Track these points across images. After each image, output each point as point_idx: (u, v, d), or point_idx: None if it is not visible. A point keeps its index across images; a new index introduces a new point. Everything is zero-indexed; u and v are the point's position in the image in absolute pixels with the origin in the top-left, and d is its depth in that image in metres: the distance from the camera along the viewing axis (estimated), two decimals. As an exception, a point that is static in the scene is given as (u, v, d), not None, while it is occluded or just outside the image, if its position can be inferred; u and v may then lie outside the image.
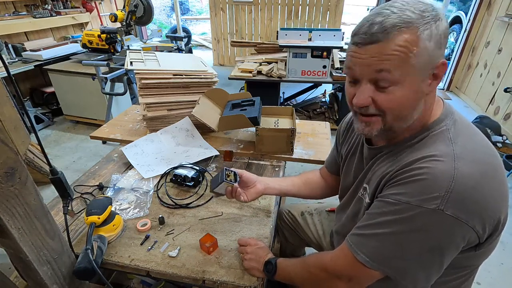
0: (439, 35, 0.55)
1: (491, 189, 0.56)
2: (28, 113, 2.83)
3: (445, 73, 0.60)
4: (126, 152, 1.32)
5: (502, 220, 0.59)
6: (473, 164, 0.56)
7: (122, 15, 2.87)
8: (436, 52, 0.56)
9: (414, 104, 0.60)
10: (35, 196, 0.66)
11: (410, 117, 0.61)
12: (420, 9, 0.55)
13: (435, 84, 0.60)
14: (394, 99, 0.59)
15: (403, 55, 0.55)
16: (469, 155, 0.57)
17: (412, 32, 0.54)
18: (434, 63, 0.57)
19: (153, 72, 1.40)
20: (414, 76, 0.57)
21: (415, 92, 0.58)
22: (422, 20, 0.54)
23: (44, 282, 0.72)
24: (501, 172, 0.60)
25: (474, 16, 3.78)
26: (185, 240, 0.93)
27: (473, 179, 0.54)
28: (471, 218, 0.54)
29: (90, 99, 2.93)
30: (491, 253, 0.67)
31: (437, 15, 0.55)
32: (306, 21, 4.59)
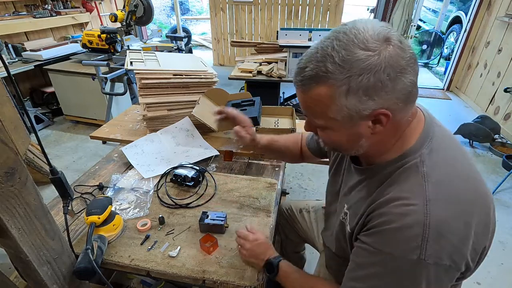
0: (363, 89, 0.50)
1: (469, 228, 0.53)
2: (28, 113, 2.83)
3: (387, 119, 0.53)
4: (126, 152, 1.32)
5: (486, 250, 0.58)
6: (447, 205, 0.53)
7: (122, 15, 2.87)
8: (363, 105, 0.52)
9: (350, 144, 0.60)
10: (35, 196, 0.66)
11: (351, 150, 0.62)
12: (344, 57, 0.49)
13: (381, 128, 0.55)
14: (328, 139, 0.61)
15: (319, 108, 0.55)
16: (443, 195, 0.53)
17: (327, 87, 0.52)
18: (363, 114, 0.53)
19: (153, 72, 1.40)
20: (340, 125, 0.56)
21: (348, 135, 0.58)
22: (341, 75, 0.50)
23: (44, 282, 0.72)
24: (482, 202, 0.56)
25: (474, 16, 3.78)
26: (185, 240, 0.93)
27: (447, 223, 0.52)
28: (454, 262, 0.53)
29: (90, 99, 2.93)
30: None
31: (364, 67, 0.49)
32: (306, 21, 4.59)
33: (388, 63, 0.49)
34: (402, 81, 0.51)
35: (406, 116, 0.58)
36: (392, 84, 0.50)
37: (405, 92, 0.52)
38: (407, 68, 0.51)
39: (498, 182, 2.36)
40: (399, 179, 0.58)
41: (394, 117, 0.54)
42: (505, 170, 2.56)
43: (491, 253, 0.64)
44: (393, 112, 0.53)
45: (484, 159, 2.76)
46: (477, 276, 1.65)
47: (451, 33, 5.19)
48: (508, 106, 3.07)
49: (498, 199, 2.25)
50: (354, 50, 0.49)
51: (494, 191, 2.30)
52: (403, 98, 0.52)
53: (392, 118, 0.54)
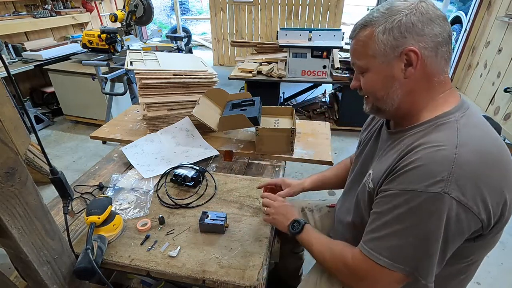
0: (397, 27, 0.61)
1: (493, 178, 0.56)
2: (28, 113, 2.83)
3: (417, 59, 0.61)
4: (126, 152, 1.32)
5: (506, 212, 0.59)
6: (475, 152, 0.56)
7: (122, 15, 2.87)
8: (396, 41, 0.62)
9: (386, 87, 0.67)
10: (35, 196, 0.66)
11: (387, 97, 0.68)
12: (386, 7, 0.64)
13: (412, 70, 0.63)
14: (367, 82, 0.70)
15: (361, 48, 0.66)
16: (472, 143, 0.57)
17: (370, 28, 0.64)
18: (397, 52, 0.62)
19: (153, 72, 1.40)
20: (378, 63, 0.65)
21: (384, 77, 0.66)
22: (382, 19, 0.63)
23: (44, 282, 0.72)
24: (506, 162, 0.59)
25: (474, 16, 3.78)
26: (185, 240, 0.93)
27: (474, 166, 0.55)
28: (475, 204, 0.55)
29: (90, 99, 2.93)
30: (490, 249, 0.67)
31: (398, 10, 0.61)
32: (306, 21, 4.59)
33: (418, 10, 0.60)
34: (431, 28, 0.60)
35: (439, 72, 0.64)
36: (422, 26, 0.60)
37: (435, 40, 0.61)
38: (435, 20, 0.61)
39: (498, 182, 2.36)
40: (431, 131, 0.62)
41: (425, 63, 0.62)
42: None
43: (491, 253, 0.64)
44: (423, 56, 0.61)
45: (484, 159, 2.76)
46: (477, 276, 1.65)
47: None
48: (508, 106, 3.07)
49: (498, 199, 2.25)
50: (395, 3, 0.63)
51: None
52: (431, 45, 0.61)
53: (423, 64, 0.62)
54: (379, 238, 0.63)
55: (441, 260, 0.60)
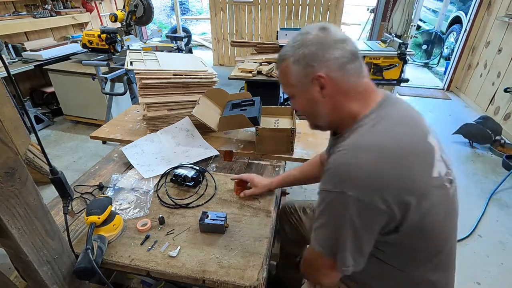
0: (303, 58, 0.70)
1: (388, 173, 0.62)
2: (28, 113, 2.84)
3: (326, 81, 0.70)
4: (126, 152, 1.32)
5: (413, 203, 0.62)
6: (370, 152, 0.63)
7: (122, 15, 2.87)
8: (306, 70, 0.71)
9: (312, 108, 0.76)
10: (35, 196, 0.66)
11: (317, 116, 0.78)
12: (293, 41, 0.73)
13: (329, 91, 0.71)
14: (297, 106, 0.80)
15: (284, 79, 0.76)
16: (369, 146, 0.64)
17: (286, 62, 0.74)
18: (309, 77, 0.71)
19: (153, 72, 1.40)
20: (299, 90, 0.75)
21: (307, 100, 0.75)
22: (291, 52, 0.73)
23: (44, 282, 0.72)
24: (405, 160, 0.63)
25: (474, 16, 3.78)
26: (185, 240, 0.93)
27: (367, 164, 0.62)
28: (373, 201, 0.61)
29: (90, 99, 2.93)
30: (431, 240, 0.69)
31: (301, 44, 0.71)
32: (306, 21, 4.59)
33: (317, 41, 0.69)
34: (331, 53, 0.69)
35: (353, 88, 0.71)
36: (322, 53, 0.69)
37: (337, 62, 0.69)
38: (334, 46, 0.69)
39: (498, 182, 2.36)
40: (349, 137, 0.70)
41: (336, 83, 0.70)
42: (505, 170, 2.56)
43: (491, 253, 0.64)
44: (332, 78, 0.70)
45: (484, 159, 2.76)
46: (477, 276, 1.65)
47: (451, 33, 5.19)
48: (508, 106, 3.07)
49: (498, 199, 2.25)
50: (298, 36, 0.73)
51: (494, 191, 2.30)
52: (336, 67, 0.69)
53: (334, 84, 0.70)
54: (315, 230, 0.71)
55: (359, 250, 0.66)
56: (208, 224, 0.94)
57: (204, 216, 0.96)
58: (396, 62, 2.64)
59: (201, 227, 0.96)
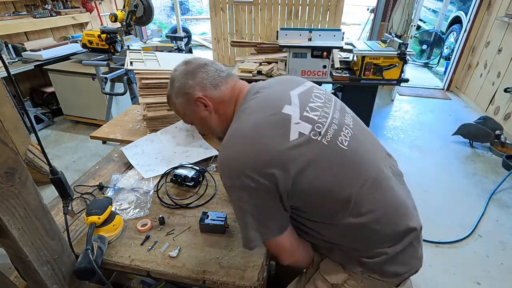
0: (178, 90, 0.84)
1: (245, 154, 0.69)
2: (28, 113, 2.84)
3: (204, 99, 0.82)
4: (126, 152, 1.32)
5: (278, 173, 0.67)
6: (229, 145, 0.73)
7: (122, 15, 2.87)
8: (186, 97, 0.84)
9: (206, 125, 0.88)
10: (35, 196, 0.66)
11: (213, 131, 0.90)
12: (169, 82, 0.87)
13: (211, 106, 0.84)
14: (198, 128, 1.02)
15: (178, 113, 0.91)
16: (228, 139, 0.74)
17: (170, 100, 0.89)
18: (192, 103, 0.84)
19: (153, 72, 1.40)
20: (189, 115, 0.88)
21: (199, 120, 0.88)
22: (170, 90, 0.87)
23: (44, 282, 0.72)
24: (258, 138, 0.70)
25: (474, 16, 3.78)
26: (186, 240, 0.93)
27: (227, 155, 0.71)
28: (239, 180, 0.68)
29: (90, 99, 2.93)
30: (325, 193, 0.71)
31: (172, 80, 0.86)
32: (306, 21, 4.58)
33: (182, 73, 0.84)
34: (197, 78, 0.83)
35: (225, 94, 0.84)
36: (191, 81, 0.83)
37: (203, 82, 0.83)
38: (197, 72, 0.83)
39: (498, 182, 2.36)
40: None
41: (212, 97, 0.83)
42: (505, 170, 2.56)
43: (491, 253, 0.64)
44: (207, 95, 0.83)
45: (484, 159, 2.76)
46: (477, 276, 1.65)
47: (451, 33, 5.19)
48: (508, 106, 3.07)
49: (498, 199, 2.25)
50: (172, 75, 0.87)
51: (494, 191, 2.30)
52: (205, 86, 0.83)
53: (211, 99, 0.83)
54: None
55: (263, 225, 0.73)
56: (208, 224, 0.94)
57: (204, 216, 0.96)
58: (396, 62, 2.64)
59: (201, 227, 0.96)
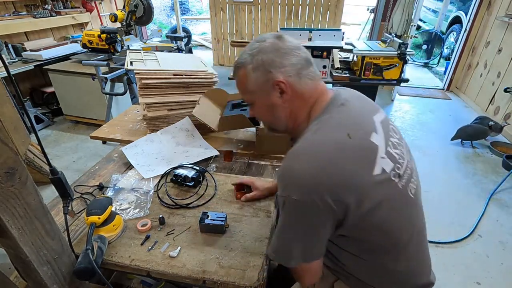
0: (262, 64, 0.73)
1: (324, 175, 0.63)
2: (28, 113, 2.83)
3: (286, 86, 0.73)
4: (126, 152, 1.32)
5: (352, 202, 0.63)
6: (306, 157, 0.66)
7: (122, 15, 2.87)
8: (265, 77, 0.73)
9: (271, 113, 0.79)
10: (35, 196, 0.66)
11: (275, 121, 0.81)
12: (250, 48, 0.75)
13: (286, 96, 0.74)
14: (256, 112, 0.83)
15: (243, 86, 0.78)
16: (305, 152, 0.67)
17: (243, 69, 0.76)
18: (269, 84, 0.74)
19: (153, 72, 1.40)
20: (258, 96, 0.77)
21: (267, 106, 0.78)
22: (249, 59, 0.74)
23: (44, 282, 0.72)
24: (341, 160, 0.65)
25: (474, 16, 3.78)
26: (186, 240, 0.93)
27: (303, 169, 0.64)
28: (308, 197, 0.63)
29: (90, 99, 2.93)
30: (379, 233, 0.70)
31: (259, 51, 0.73)
32: (306, 21, 4.59)
33: (274, 48, 0.73)
34: (289, 60, 0.72)
35: (308, 92, 0.75)
36: (280, 60, 0.72)
37: (293, 67, 0.73)
38: (290, 53, 0.73)
39: (498, 182, 2.36)
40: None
41: (294, 88, 0.73)
42: (505, 170, 2.56)
43: (491, 253, 0.64)
44: (290, 83, 0.73)
45: (484, 159, 2.76)
46: (477, 276, 1.65)
47: (451, 33, 5.19)
48: (508, 106, 3.07)
49: (498, 199, 2.25)
50: (255, 43, 0.76)
51: (494, 191, 2.30)
52: (294, 72, 0.73)
53: (293, 88, 0.73)
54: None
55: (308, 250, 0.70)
56: (208, 224, 0.94)
57: (204, 217, 0.96)
58: (396, 62, 2.64)
59: (201, 227, 0.96)
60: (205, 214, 0.96)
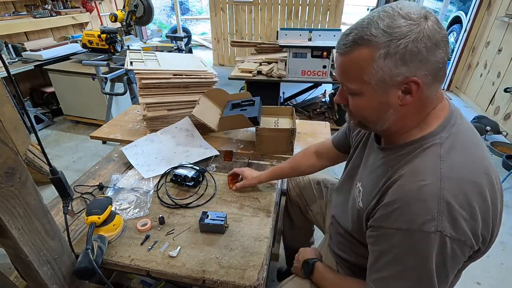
0: (401, 53, 0.54)
1: (481, 210, 0.55)
2: (28, 113, 2.83)
3: (417, 88, 0.57)
4: (126, 152, 1.32)
5: (493, 237, 0.60)
6: (460, 184, 0.55)
7: (122, 15, 2.87)
8: (397, 69, 0.55)
9: (379, 113, 0.62)
10: (35, 196, 0.66)
11: (378, 123, 0.64)
12: (388, 24, 0.54)
13: (410, 99, 0.58)
14: (357, 106, 0.64)
15: (355, 71, 0.58)
16: (456, 174, 0.56)
17: (368, 49, 0.55)
18: (396, 80, 0.56)
19: (153, 72, 1.40)
20: (372, 90, 0.59)
21: (378, 103, 0.60)
22: (383, 38, 0.54)
23: (44, 282, 0.72)
24: (489, 188, 0.57)
25: (474, 16, 3.78)
26: (185, 240, 0.93)
27: (461, 199, 0.54)
28: (468, 237, 0.55)
29: (90, 99, 2.93)
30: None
31: (405, 34, 0.53)
32: (306, 21, 4.59)
33: (426, 34, 0.53)
34: (435, 54, 0.55)
35: (433, 95, 0.60)
36: (427, 54, 0.54)
37: (436, 66, 0.56)
38: (441, 44, 0.55)
39: (498, 182, 2.36)
40: (417, 159, 0.60)
41: (423, 90, 0.57)
42: (505, 170, 2.56)
43: (491, 253, 0.64)
44: (423, 85, 0.56)
45: (484, 159, 2.76)
46: (477, 276, 1.65)
47: (451, 33, 5.19)
48: (508, 106, 3.07)
49: (498, 199, 2.25)
50: (397, 19, 0.54)
51: (494, 191, 2.30)
52: (433, 73, 0.56)
53: (421, 91, 0.57)
54: (384, 279, 0.62)
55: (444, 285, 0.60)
56: (208, 224, 0.94)
57: (204, 216, 0.96)
58: (396, 62, 2.64)
59: (201, 227, 0.96)
60: (205, 214, 0.97)
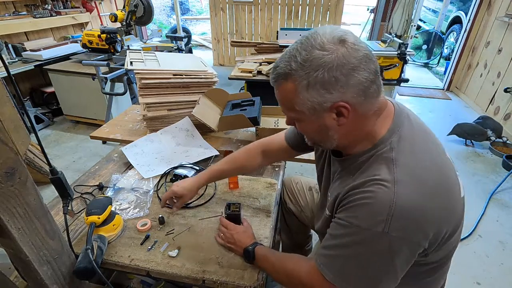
0: (320, 83, 0.57)
1: (432, 207, 0.58)
2: (28, 113, 2.84)
3: (348, 111, 0.59)
4: (126, 152, 1.32)
5: (449, 232, 0.63)
6: (412, 186, 0.58)
7: (122, 15, 2.87)
8: (322, 98, 0.58)
9: (322, 135, 0.66)
10: (35, 196, 0.66)
11: (327, 142, 0.68)
12: (304, 57, 0.57)
13: (344, 120, 0.61)
14: (302, 130, 0.70)
15: (288, 102, 0.63)
16: (408, 177, 0.59)
17: (291, 82, 0.60)
18: (325, 106, 0.59)
19: (153, 72, 1.40)
20: (308, 116, 0.63)
21: (317, 126, 0.64)
22: (301, 72, 0.58)
23: (44, 282, 0.72)
24: (445, 186, 0.61)
25: (474, 16, 3.78)
26: (185, 240, 0.93)
27: (411, 200, 0.57)
28: (414, 236, 0.58)
29: (90, 99, 2.93)
30: (452, 249, 0.70)
31: (319, 65, 0.56)
32: (306, 21, 4.59)
33: (340, 62, 0.56)
34: (356, 77, 0.57)
35: (372, 110, 0.62)
36: (346, 79, 0.56)
37: (361, 87, 0.58)
38: (359, 66, 0.57)
39: (498, 182, 2.36)
40: (372, 165, 0.64)
41: (356, 110, 0.60)
42: (505, 170, 2.56)
43: (491, 253, 0.64)
44: (353, 106, 0.59)
45: (484, 159, 2.76)
46: (477, 276, 1.65)
47: (451, 33, 5.19)
48: (508, 106, 3.07)
49: (498, 199, 2.25)
50: (312, 51, 0.57)
51: (494, 191, 2.30)
52: (360, 93, 0.58)
53: (355, 111, 0.60)
54: (330, 256, 0.66)
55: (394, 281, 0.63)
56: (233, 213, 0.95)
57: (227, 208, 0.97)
58: (396, 62, 2.64)
59: (227, 217, 0.96)
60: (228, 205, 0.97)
